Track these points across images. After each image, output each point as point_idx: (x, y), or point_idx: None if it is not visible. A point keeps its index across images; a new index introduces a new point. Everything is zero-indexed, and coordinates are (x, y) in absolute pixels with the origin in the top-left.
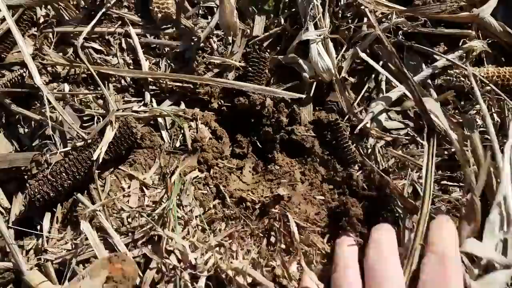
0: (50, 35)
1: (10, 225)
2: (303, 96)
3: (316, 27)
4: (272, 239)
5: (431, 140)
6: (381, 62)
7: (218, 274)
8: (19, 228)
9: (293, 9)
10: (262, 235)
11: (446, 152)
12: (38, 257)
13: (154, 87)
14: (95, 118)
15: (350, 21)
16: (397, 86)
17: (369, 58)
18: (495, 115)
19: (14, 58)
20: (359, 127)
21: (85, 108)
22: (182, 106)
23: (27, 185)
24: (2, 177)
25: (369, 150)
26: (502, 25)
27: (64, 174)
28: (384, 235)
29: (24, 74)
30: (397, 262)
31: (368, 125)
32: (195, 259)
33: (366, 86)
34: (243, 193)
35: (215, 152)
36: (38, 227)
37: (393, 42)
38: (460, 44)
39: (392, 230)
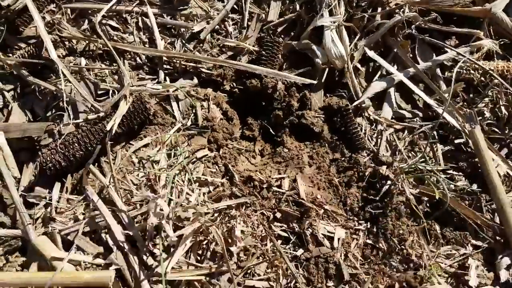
0: (69, 11)
1: (20, 193)
2: (315, 82)
3: (331, 14)
4: (278, 215)
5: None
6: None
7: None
8: (30, 194)
9: None
10: (268, 213)
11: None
12: (45, 226)
13: (168, 67)
14: (110, 92)
15: (364, 10)
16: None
17: (382, 47)
18: (503, 108)
19: (32, 32)
20: (356, 103)
21: (100, 82)
22: (196, 84)
23: (39, 153)
24: (14, 147)
25: (378, 137)
26: None
27: (76, 145)
28: None
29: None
30: None
31: (366, 103)
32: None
33: (378, 74)
34: (251, 173)
35: (225, 133)
36: (47, 197)
37: (406, 34)
38: (471, 41)
39: None
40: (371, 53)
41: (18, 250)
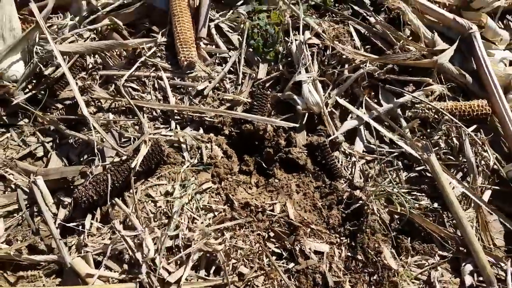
0: (97, 77)
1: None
2: (297, 125)
3: (307, 71)
4: (272, 234)
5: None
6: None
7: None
8: (66, 224)
9: (289, 58)
10: (263, 233)
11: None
12: (79, 251)
13: (178, 117)
14: (132, 140)
15: (334, 67)
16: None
17: (351, 95)
18: (454, 139)
19: (67, 95)
20: (331, 137)
21: (124, 132)
22: (201, 131)
23: (76, 190)
24: (53, 187)
25: (353, 167)
26: (458, 69)
27: (105, 182)
28: None
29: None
30: None
31: (340, 138)
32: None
33: (350, 116)
34: (248, 200)
35: (226, 168)
36: (80, 227)
37: (370, 84)
38: (423, 86)
39: None
40: (341, 101)
41: (56, 273)
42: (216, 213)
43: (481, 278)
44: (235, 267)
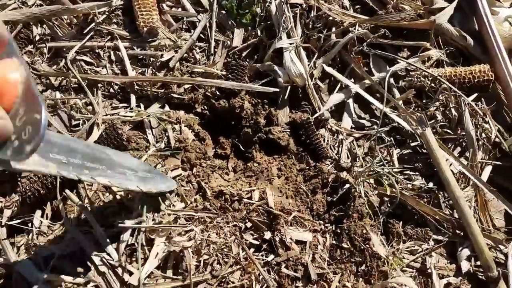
0: (45, 50)
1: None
2: (277, 89)
3: (288, 36)
4: (249, 225)
5: None
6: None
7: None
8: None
9: (269, 22)
10: (239, 224)
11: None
12: (28, 252)
13: (140, 94)
14: (84, 122)
15: (320, 31)
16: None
17: (339, 63)
18: (453, 110)
19: None
20: (317, 114)
21: (75, 113)
22: (167, 108)
23: (19, 183)
24: None
25: (339, 146)
26: (458, 30)
27: None
28: None
29: None
30: None
31: (326, 115)
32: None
33: (337, 88)
34: (222, 187)
35: (198, 153)
36: (30, 224)
37: (360, 50)
38: (419, 52)
39: None
40: (328, 69)
41: (3, 277)
42: (187, 204)
43: (479, 263)
44: (207, 263)
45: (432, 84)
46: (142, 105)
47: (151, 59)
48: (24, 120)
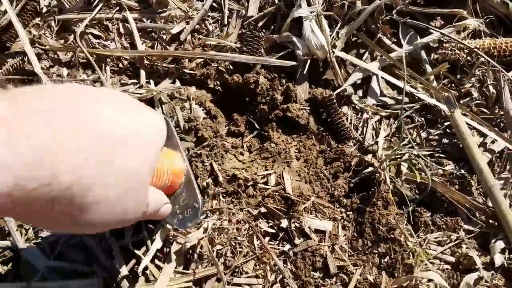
0: (53, 23)
1: None
2: (295, 63)
3: (309, 3)
4: (264, 212)
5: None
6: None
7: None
8: None
9: None
10: (254, 211)
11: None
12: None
13: (150, 70)
14: None
15: None
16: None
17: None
18: (490, 87)
19: (19, 47)
20: (339, 90)
21: None
22: (178, 84)
23: None
24: None
25: (364, 126)
26: None
27: None
28: None
29: (25, 60)
30: None
31: (349, 90)
32: None
33: (363, 59)
34: (236, 171)
35: (210, 131)
36: None
37: (389, 19)
38: (455, 21)
39: None
40: (341, 53)
41: (12, 260)
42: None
43: None
44: (220, 254)
45: (468, 58)
46: (152, 81)
47: (161, 32)
48: (186, 203)
